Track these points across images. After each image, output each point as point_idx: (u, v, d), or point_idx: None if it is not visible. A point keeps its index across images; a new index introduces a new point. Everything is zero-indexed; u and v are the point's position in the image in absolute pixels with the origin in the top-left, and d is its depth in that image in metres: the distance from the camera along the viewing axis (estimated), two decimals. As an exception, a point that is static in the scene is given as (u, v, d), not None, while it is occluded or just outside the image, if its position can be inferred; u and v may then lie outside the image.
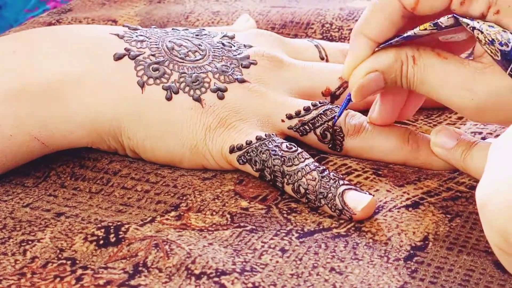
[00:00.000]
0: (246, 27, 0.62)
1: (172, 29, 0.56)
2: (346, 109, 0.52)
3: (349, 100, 0.51)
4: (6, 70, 0.50)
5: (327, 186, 0.47)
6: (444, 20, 0.46)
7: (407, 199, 0.49)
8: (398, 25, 0.48)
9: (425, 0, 0.46)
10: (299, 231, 0.46)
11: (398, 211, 0.48)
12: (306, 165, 0.48)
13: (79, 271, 0.43)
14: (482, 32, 0.45)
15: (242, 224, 0.47)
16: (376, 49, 0.48)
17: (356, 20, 0.66)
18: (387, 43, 0.48)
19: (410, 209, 0.48)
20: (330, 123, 0.52)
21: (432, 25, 0.46)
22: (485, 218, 0.39)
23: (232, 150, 0.50)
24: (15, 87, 0.50)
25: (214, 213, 0.48)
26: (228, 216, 0.48)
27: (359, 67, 0.48)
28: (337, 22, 0.66)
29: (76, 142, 0.52)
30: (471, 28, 0.46)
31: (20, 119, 0.50)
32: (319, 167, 0.48)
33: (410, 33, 0.47)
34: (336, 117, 0.52)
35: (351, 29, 0.66)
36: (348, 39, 0.65)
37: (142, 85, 0.51)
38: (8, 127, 0.49)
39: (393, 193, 0.49)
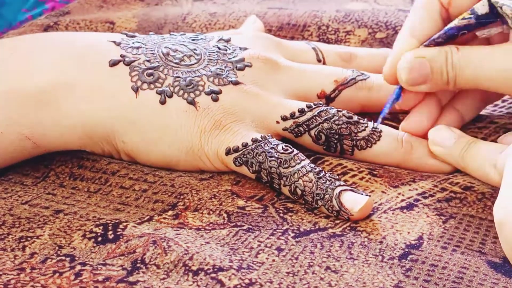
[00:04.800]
0: (253, 29, 0.62)
1: (170, 34, 0.56)
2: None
3: (395, 99, 0.53)
4: (1, 71, 0.50)
5: (324, 188, 0.48)
6: (480, 6, 0.49)
7: (402, 200, 0.49)
8: (439, 23, 0.52)
9: None
10: (295, 231, 0.47)
11: (393, 213, 0.48)
12: (302, 166, 0.49)
13: (78, 267, 0.44)
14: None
15: (238, 224, 0.47)
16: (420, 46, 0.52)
17: (352, 22, 0.67)
18: (430, 40, 0.52)
19: (404, 210, 0.48)
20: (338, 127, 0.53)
21: (469, 12, 0.50)
22: (503, 236, 0.39)
23: (228, 152, 0.51)
24: (5, 88, 0.50)
25: (211, 212, 0.48)
26: (225, 215, 0.48)
27: (406, 53, 0.52)
28: (333, 24, 0.67)
29: (68, 145, 0.52)
30: (500, 7, 0.48)
31: (10, 118, 0.50)
32: (315, 169, 0.49)
33: (450, 25, 0.51)
34: (379, 119, 0.53)
35: (347, 31, 0.66)
36: (344, 41, 0.66)
37: (136, 90, 0.51)
38: None
39: (388, 194, 0.50)
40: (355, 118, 0.53)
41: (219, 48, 0.55)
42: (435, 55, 0.51)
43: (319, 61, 0.59)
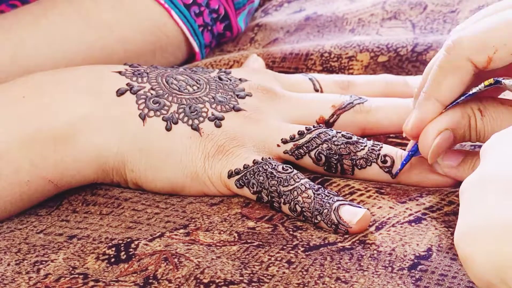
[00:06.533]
0: (255, 66, 0.64)
1: (172, 67, 0.58)
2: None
3: (413, 155, 0.52)
4: (19, 116, 0.52)
5: (322, 203, 0.49)
6: (507, 82, 0.48)
7: (410, 214, 0.50)
8: (468, 84, 0.49)
9: (497, 59, 0.48)
10: (305, 246, 0.47)
11: (401, 226, 0.49)
12: (301, 184, 0.50)
13: (91, 283, 0.45)
14: None
15: (249, 241, 0.48)
16: (443, 110, 0.50)
17: (354, 47, 0.68)
18: (454, 103, 0.50)
19: (412, 224, 0.49)
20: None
21: (494, 80, 0.48)
22: (469, 271, 0.37)
23: (230, 175, 0.52)
24: (29, 132, 0.52)
25: (222, 232, 0.49)
26: (236, 234, 0.49)
27: (428, 127, 0.50)
28: (335, 50, 0.68)
29: (84, 180, 0.54)
30: None
31: (35, 164, 0.52)
32: (314, 186, 0.50)
33: (475, 90, 0.49)
34: (398, 170, 0.52)
35: (349, 57, 0.67)
36: (347, 69, 0.67)
37: (143, 118, 0.53)
38: (25, 173, 0.52)
39: (395, 209, 0.50)
40: (354, 138, 0.53)
41: (220, 78, 0.57)
42: (458, 122, 0.49)
43: (316, 90, 0.60)
